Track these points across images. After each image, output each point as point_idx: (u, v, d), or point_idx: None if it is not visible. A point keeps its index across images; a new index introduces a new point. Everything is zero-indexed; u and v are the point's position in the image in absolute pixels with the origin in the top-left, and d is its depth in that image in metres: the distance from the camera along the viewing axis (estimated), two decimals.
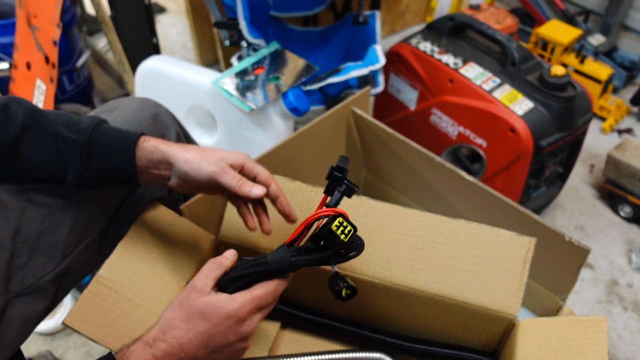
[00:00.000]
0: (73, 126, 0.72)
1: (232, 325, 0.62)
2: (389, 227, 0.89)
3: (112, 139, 0.72)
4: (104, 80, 2.04)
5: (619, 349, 1.32)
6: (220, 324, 0.61)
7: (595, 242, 1.57)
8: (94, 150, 0.71)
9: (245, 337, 0.64)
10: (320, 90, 1.37)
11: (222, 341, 0.62)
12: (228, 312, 0.61)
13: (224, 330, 0.61)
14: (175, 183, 0.73)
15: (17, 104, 0.73)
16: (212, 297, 0.62)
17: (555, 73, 1.32)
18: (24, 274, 0.76)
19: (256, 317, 0.65)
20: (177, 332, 0.61)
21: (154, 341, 0.60)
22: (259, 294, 0.64)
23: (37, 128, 0.71)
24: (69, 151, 0.71)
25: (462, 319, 0.88)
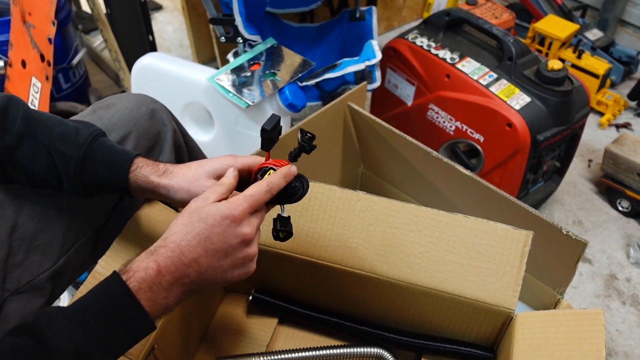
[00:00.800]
0: (69, 139, 0.71)
1: (229, 226, 0.61)
2: (386, 221, 0.89)
3: (107, 156, 0.72)
4: (100, 78, 2.03)
5: (617, 343, 1.33)
6: (217, 224, 0.61)
7: (594, 237, 1.57)
8: (88, 167, 0.71)
9: (247, 240, 0.63)
10: (317, 86, 1.37)
11: (220, 243, 0.61)
12: (223, 212, 0.61)
13: (221, 231, 0.61)
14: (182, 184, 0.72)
15: (15, 108, 0.72)
16: (211, 204, 0.62)
17: (552, 67, 1.32)
18: (21, 271, 0.75)
19: (254, 218, 0.64)
20: (176, 236, 0.60)
21: (156, 248, 0.60)
22: (251, 193, 0.64)
23: (33, 137, 0.71)
24: (64, 166, 0.71)
25: (459, 313, 0.88)
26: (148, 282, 0.58)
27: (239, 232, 0.62)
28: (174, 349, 0.87)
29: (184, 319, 0.88)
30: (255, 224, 0.64)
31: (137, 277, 0.58)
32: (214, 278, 0.62)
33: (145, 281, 0.58)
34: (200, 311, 0.96)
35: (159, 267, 0.59)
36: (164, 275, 0.59)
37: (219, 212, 0.61)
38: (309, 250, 0.89)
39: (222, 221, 0.61)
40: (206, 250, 0.60)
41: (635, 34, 2.25)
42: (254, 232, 0.63)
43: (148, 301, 0.58)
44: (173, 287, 0.60)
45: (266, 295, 0.99)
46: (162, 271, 0.59)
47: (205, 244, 0.60)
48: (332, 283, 0.92)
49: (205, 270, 0.61)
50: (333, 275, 0.90)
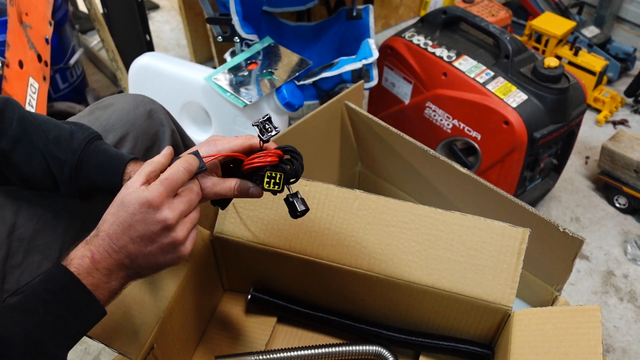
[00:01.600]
0: (64, 144, 0.71)
1: (147, 212, 0.60)
2: (384, 220, 0.89)
3: (101, 160, 0.72)
4: (97, 78, 2.03)
5: (615, 339, 1.33)
6: (137, 212, 0.60)
7: (591, 234, 1.58)
8: (82, 172, 0.71)
9: (168, 225, 0.61)
10: (314, 85, 1.37)
11: (143, 230, 0.61)
12: (140, 198, 0.60)
13: (141, 219, 0.60)
14: None
15: (12, 111, 0.72)
16: (134, 189, 0.61)
17: (549, 65, 1.32)
18: (20, 272, 0.76)
19: (177, 202, 0.63)
20: (106, 225, 0.61)
21: (91, 237, 0.61)
22: (167, 175, 0.62)
23: (28, 141, 0.71)
24: (59, 171, 0.71)
25: (457, 311, 0.89)
26: (85, 268, 0.59)
27: (158, 218, 0.61)
28: (173, 349, 0.87)
29: (182, 319, 0.89)
30: (178, 208, 0.62)
31: (74, 264, 0.59)
32: (147, 263, 0.63)
33: (82, 267, 0.59)
34: (199, 310, 0.96)
35: (92, 255, 0.60)
36: (99, 262, 0.60)
37: (137, 199, 0.60)
38: (307, 249, 0.89)
39: (141, 208, 0.60)
40: (131, 238, 0.61)
41: (632, 30, 2.25)
42: (176, 215, 0.62)
43: (91, 286, 0.59)
44: (112, 273, 0.61)
45: (265, 294, 0.99)
46: (96, 258, 0.60)
47: (129, 232, 0.61)
48: (331, 281, 0.92)
49: (136, 257, 0.62)
50: (331, 274, 0.90)
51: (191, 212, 0.64)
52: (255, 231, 0.91)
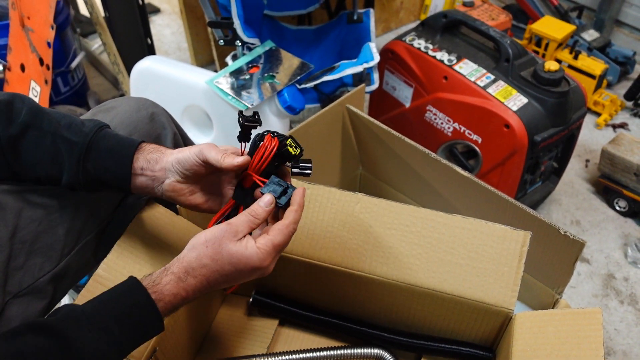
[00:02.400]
0: (75, 128, 0.73)
1: (256, 271, 0.66)
2: (385, 223, 0.89)
3: (112, 143, 0.73)
4: (98, 81, 2.04)
5: (615, 342, 1.33)
6: (247, 271, 0.65)
7: (591, 237, 1.58)
8: (92, 152, 0.72)
9: (266, 273, 0.67)
10: (315, 89, 1.37)
11: (244, 279, 0.67)
12: (255, 263, 0.65)
13: (248, 274, 0.66)
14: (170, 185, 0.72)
15: (20, 102, 0.73)
16: (242, 245, 0.65)
17: (549, 68, 1.32)
18: (22, 274, 0.76)
19: (276, 259, 0.68)
20: (206, 270, 0.64)
21: (186, 277, 0.64)
22: (280, 242, 0.66)
23: (38, 127, 0.72)
24: (68, 152, 0.72)
25: (458, 314, 0.89)
26: (174, 304, 0.64)
27: (262, 272, 0.67)
28: (176, 352, 0.87)
29: (185, 322, 0.89)
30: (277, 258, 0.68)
31: (166, 300, 0.63)
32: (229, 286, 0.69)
33: (171, 304, 0.64)
34: (201, 314, 0.97)
35: (187, 294, 0.64)
36: (189, 299, 0.65)
37: (250, 263, 0.64)
38: (309, 252, 0.90)
39: (252, 270, 0.65)
40: (229, 282, 0.67)
41: (632, 34, 2.26)
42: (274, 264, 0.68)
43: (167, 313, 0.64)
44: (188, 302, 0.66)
45: (266, 297, 0.99)
46: (189, 297, 0.65)
47: (231, 280, 0.66)
48: (332, 284, 0.93)
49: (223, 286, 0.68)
50: (333, 277, 0.90)
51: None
52: None
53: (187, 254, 0.65)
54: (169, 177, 0.72)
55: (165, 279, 0.64)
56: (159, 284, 0.63)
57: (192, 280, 0.64)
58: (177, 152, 0.72)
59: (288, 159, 0.72)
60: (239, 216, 0.67)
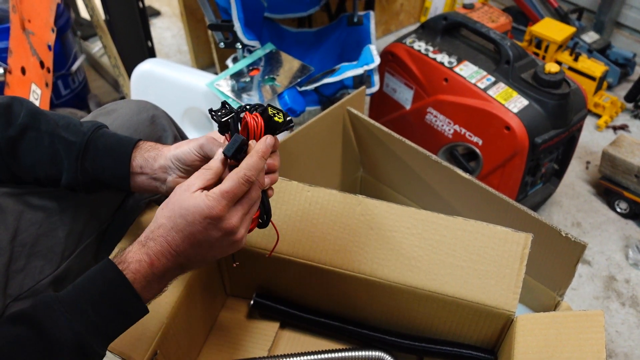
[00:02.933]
0: (73, 128, 0.73)
1: (210, 224, 0.61)
2: (387, 225, 0.89)
3: (110, 142, 0.73)
4: (99, 84, 2.04)
5: (617, 344, 1.33)
6: (197, 223, 0.61)
7: (592, 239, 1.58)
8: (90, 151, 0.72)
9: (230, 230, 0.62)
10: (316, 91, 1.37)
11: (204, 238, 0.62)
12: (202, 211, 0.60)
13: (203, 229, 0.61)
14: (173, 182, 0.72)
15: (19, 105, 0.74)
16: (192, 196, 0.61)
17: (550, 70, 1.32)
18: (23, 277, 0.76)
19: (238, 208, 0.63)
20: (162, 230, 0.62)
21: (146, 240, 0.62)
22: (227, 188, 0.61)
23: (36, 128, 0.72)
24: (66, 151, 0.72)
25: (460, 316, 0.89)
26: (142, 273, 0.61)
27: (220, 227, 0.62)
28: (177, 354, 0.87)
29: (185, 325, 0.89)
30: (239, 213, 0.63)
31: (131, 268, 0.61)
32: (204, 261, 0.65)
33: (139, 272, 0.61)
34: (202, 316, 0.96)
35: (151, 259, 0.61)
36: (157, 266, 0.62)
37: (198, 211, 0.60)
38: (310, 254, 0.89)
39: (202, 220, 0.61)
40: (192, 245, 0.62)
41: (631, 36, 2.26)
42: (237, 221, 0.63)
43: (142, 288, 0.61)
44: (166, 274, 0.63)
45: (267, 300, 0.99)
46: (154, 263, 0.62)
47: (189, 240, 0.62)
48: (333, 287, 0.92)
49: (195, 258, 0.64)
50: (334, 279, 0.90)
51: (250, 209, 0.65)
52: (258, 237, 0.91)
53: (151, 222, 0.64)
54: (170, 175, 0.72)
55: (129, 248, 0.62)
56: (124, 254, 0.62)
57: (151, 243, 0.61)
58: (175, 149, 0.72)
59: (277, 128, 0.68)
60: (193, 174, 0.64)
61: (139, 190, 0.75)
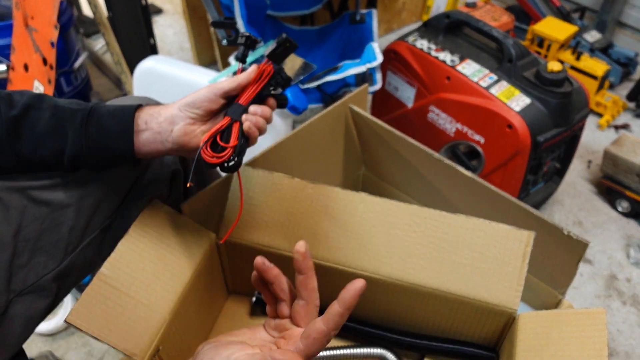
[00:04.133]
0: (75, 103, 0.75)
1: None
2: (389, 223, 0.89)
3: (113, 107, 0.75)
4: (101, 81, 2.04)
5: (618, 342, 1.33)
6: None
7: (594, 237, 1.58)
8: (94, 117, 0.73)
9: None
10: (319, 89, 1.37)
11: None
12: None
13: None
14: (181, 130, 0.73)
15: (19, 94, 0.74)
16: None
17: (552, 69, 1.32)
18: (26, 272, 0.76)
19: None
20: None
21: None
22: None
23: (39, 107, 0.73)
24: (70, 120, 0.72)
25: (462, 314, 0.89)
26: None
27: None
28: (179, 350, 0.87)
29: (188, 321, 0.89)
30: None
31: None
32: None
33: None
34: (204, 312, 0.97)
35: None
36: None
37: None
38: (312, 251, 0.89)
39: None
40: None
41: (634, 35, 2.26)
42: None
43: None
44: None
45: None
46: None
47: None
48: (335, 284, 0.92)
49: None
50: (336, 276, 0.90)
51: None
52: (260, 233, 0.91)
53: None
54: (177, 124, 0.73)
55: None
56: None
57: None
58: (185, 98, 0.75)
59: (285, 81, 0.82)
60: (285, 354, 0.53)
61: (143, 151, 0.75)
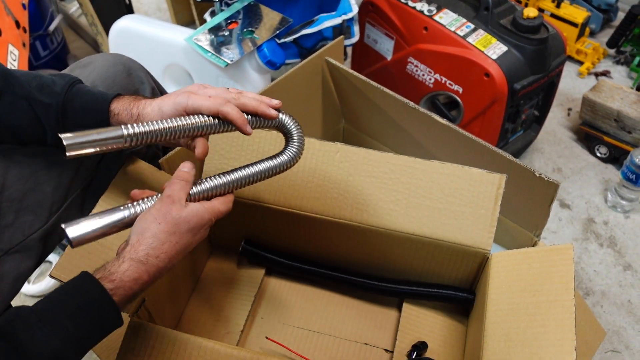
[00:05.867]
0: (47, 89, 0.73)
1: (204, 231, 0.69)
2: (365, 171, 0.91)
3: (85, 100, 0.73)
4: (78, 44, 2.01)
5: (595, 282, 1.38)
6: (199, 233, 0.67)
7: (573, 183, 1.61)
8: (68, 112, 0.72)
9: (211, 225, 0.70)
10: (296, 43, 1.37)
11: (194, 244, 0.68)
12: (205, 221, 0.68)
13: (200, 237, 0.68)
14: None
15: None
16: (191, 209, 0.66)
17: (528, 15, 1.32)
18: (12, 232, 0.78)
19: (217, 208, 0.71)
20: (167, 246, 0.64)
21: (147, 258, 0.63)
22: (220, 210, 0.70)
23: (11, 92, 0.72)
24: (45, 115, 0.72)
25: (438, 257, 0.92)
26: (134, 290, 0.62)
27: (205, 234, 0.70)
28: (165, 302, 0.90)
29: (172, 274, 0.91)
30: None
31: (126, 287, 0.61)
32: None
33: (132, 290, 0.62)
34: (188, 265, 0.99)
35: (149, 277, 0.63)
36: (152, 281, 0.64)
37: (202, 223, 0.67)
38: (291, 202, 0.92)
39: (201, 229, 0.68)
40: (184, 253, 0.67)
41: None
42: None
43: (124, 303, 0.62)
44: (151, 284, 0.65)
45: (255, 247, 1.01)
46: (150, 280, 0.63)
47: (186, 249, 0.67)
48: (315, 233, 0.95)
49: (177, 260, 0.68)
50: (315, 225, 0.92)
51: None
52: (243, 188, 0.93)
53: (141, 237, 0.64)
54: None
55: (123, 267, 0.61)
56: (116, 272, 0.61)
57: (154, 260, 0.63)
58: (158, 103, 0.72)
59: None
60: (172, 186, 0.67)
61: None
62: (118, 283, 0.60)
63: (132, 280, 0.61)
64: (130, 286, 0.61)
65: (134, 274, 0.61)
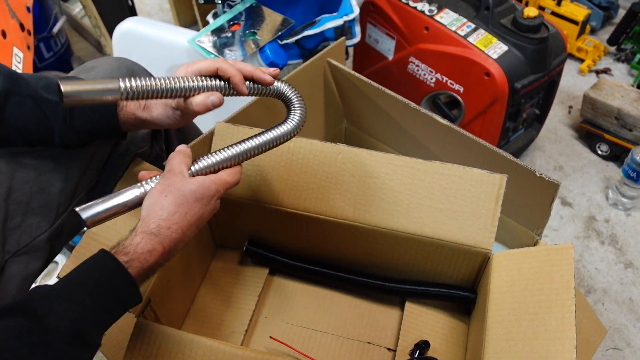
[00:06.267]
0: (53, 88, 0.74)
1: (215, 203, 0.70)
2: (367, 172, 0.92)
3: None
4: (82, 46, 2.03)
5: (596, 280, 1.38)
6: (208, 203, 0.69)
7: (574, 181, 1.62)
8: (76, 109, 0.74)
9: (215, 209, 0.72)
10: (298, 44, 1.38)
11: (209, 214, 0.70)
12: (213, 192, 0.69)
13: (211, 209, 0.70)
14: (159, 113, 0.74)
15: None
16: (196, 180, 0.68)
17: (528, 15, 1.33)
18: (20, 234, 0.79)
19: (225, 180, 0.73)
20: (177, 217, 0.65)
21: (158, 230, 0.64)
22: (227, 180, 0.72)
23: (18, 92, 0.73)
24: (53, 114, 0.73)
25: (440, 256, 0.93)
26: (150, 262, 0.63)
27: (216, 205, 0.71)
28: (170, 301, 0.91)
29: (177, 274, 0.92)
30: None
31: (141, 259, 0.62)
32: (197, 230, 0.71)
33: (147, 261, 0.63)
34: (193, 265, 1.00)
35: (164, 249, 0.64)
36: (168, 254, 0.65)
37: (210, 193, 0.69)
38: (294, 203, 0.92)
39: (211, 199, 0.69)
40: (197, 225, 0.68)
41: None
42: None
43: (140, 277, 0.63)
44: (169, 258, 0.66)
45: (258, 248, 1.02)
46: (165, 252, 0.64)
47: (199, 221, 0.68)
48: (318, 233, 0.96)
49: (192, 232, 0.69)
50: (318, 226, 0.93)
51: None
52: (243, 188, 0.94)
53: (150, 211, 0.65)
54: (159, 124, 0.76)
55: (135, 240, 0.63)
56: (130, 245, 0.62)
57: (166, 231, 0.64)
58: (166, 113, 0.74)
59: None
60: (171, 161, 0.70)
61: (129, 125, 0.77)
62: (132, 255, 0.62)
63: (147, 251, 0.62)
64: (145, 258, 0.62)
65: (147, 245, 0.63)
